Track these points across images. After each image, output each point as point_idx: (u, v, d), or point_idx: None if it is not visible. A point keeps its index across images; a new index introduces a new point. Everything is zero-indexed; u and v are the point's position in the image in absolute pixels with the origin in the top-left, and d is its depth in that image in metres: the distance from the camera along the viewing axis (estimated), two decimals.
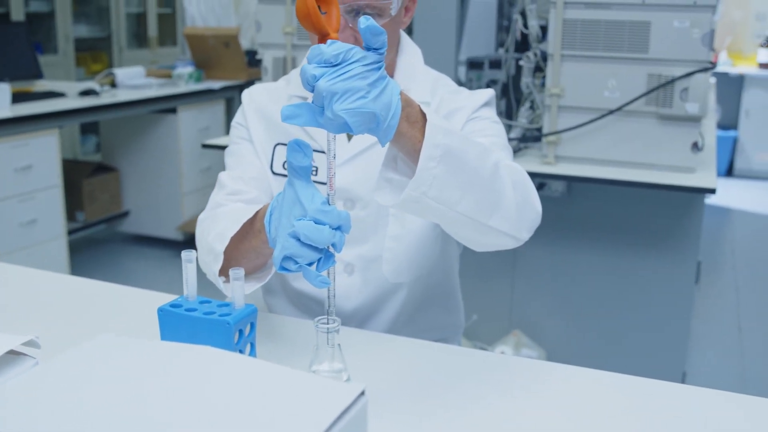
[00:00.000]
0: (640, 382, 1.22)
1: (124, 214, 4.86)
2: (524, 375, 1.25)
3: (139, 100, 4.39)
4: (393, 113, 1.03)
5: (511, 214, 1.21)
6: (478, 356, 1.34)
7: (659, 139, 2.52)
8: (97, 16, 6.46)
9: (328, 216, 1.03)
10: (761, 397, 1.22)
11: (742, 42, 7.78)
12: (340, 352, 1.15)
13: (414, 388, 1.21)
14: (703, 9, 2.41)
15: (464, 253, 2.88)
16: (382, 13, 1.35)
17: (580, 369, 1.26)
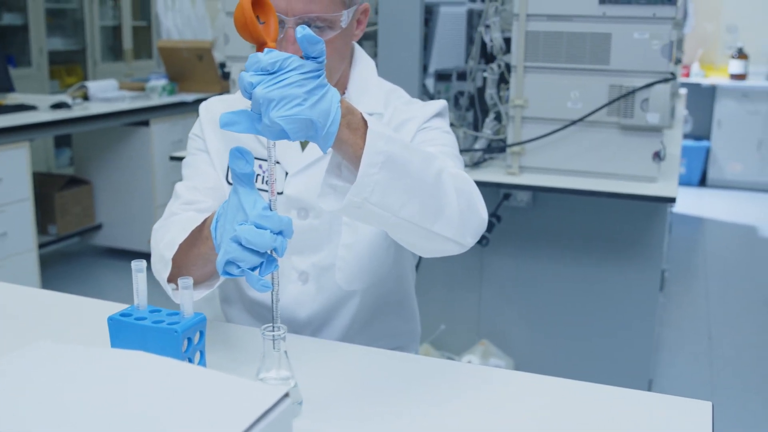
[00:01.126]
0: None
1: (97, 227, 4.85)
2: (481, 383, 1.27)
3: (111, 113, 4.39)
4: (332, 120, 1.05)
5: (454, 221, 1.23)
6: (433, 364, 1.35)
7: (621, 149, 2.55)
8: (72, 29, 6.45)
9: (269, 221, 1.05)
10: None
11: (714, 54, 7.87)
12: (287, 358, 1.16)
13: (365, 395, 1.22)
14: (662, 21, 2.44)
15: (431, 264, 2.90)
16: (333, 25, 1.38)
17: (541, 377, 1.28)
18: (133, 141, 4.67)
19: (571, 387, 1.25)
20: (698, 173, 7.53)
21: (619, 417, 1.16)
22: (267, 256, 1.07)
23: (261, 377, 1.16)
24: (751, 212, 6.72)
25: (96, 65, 6.47)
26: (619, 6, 2.46)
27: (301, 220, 1.51)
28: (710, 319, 4.32)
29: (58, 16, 6.38)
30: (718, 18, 7.83)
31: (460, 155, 1.49)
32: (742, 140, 7.36)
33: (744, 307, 4.55)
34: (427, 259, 2.80)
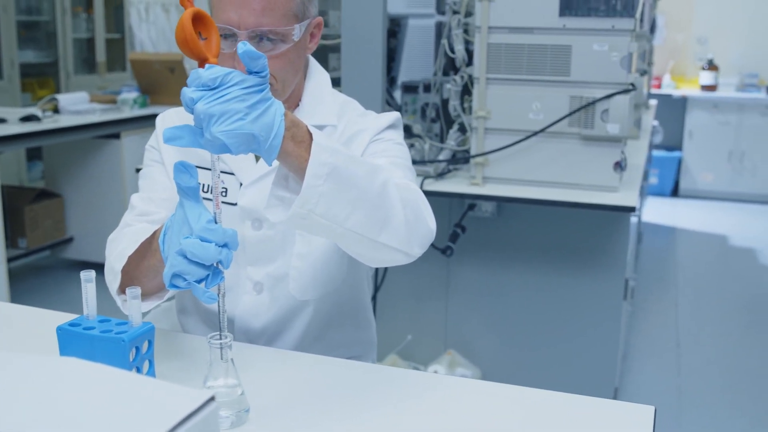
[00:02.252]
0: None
1: (68, 240, 4.83)
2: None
3: (81, 126, 4.38)
4: (275, 134, 1.07)
5: (400, 231, 1.24)
6: (390, 373, 1.36)
7: (583, 159, 2.58)
8: (45, 41, 6.44)
9: (213, 234, 1.07)
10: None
11: (685, 65, 7.96)
12: (234, 367, 1.18)
13: (316, 403, 1.23)
14: (621, 33, 2.48)
15: (398, 275, 2.92)
16: (285, 38, 1.40)
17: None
18: (104, 154, 4.66)
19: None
20: (670, 184, 7.60)
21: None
22: (213, 269, 1.09)
23: (208, 385, 1.17)
24: (722, 222, 6.79)
25: (69, 78, 6.45)
26: (579, 18, 2.50)
27: (255, 231, 1.52)
28: (679, 328, 4.36)
29: (31, 29, 6.36)
30: (688, 30, 7.92)
31: (411, 166, 1.51)
32: (713, 151, 7.44)
33: (713, 316, 4.60)
34: (393, 270, 2.84)
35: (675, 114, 7.55)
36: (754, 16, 7.69)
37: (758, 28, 7.71)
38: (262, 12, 1.36)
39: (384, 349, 2.98)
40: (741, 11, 7.72)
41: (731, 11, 7.73)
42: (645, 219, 6.57)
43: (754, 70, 7.71)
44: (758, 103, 7.30)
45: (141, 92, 5.14)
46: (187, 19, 1.06)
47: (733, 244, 6.12)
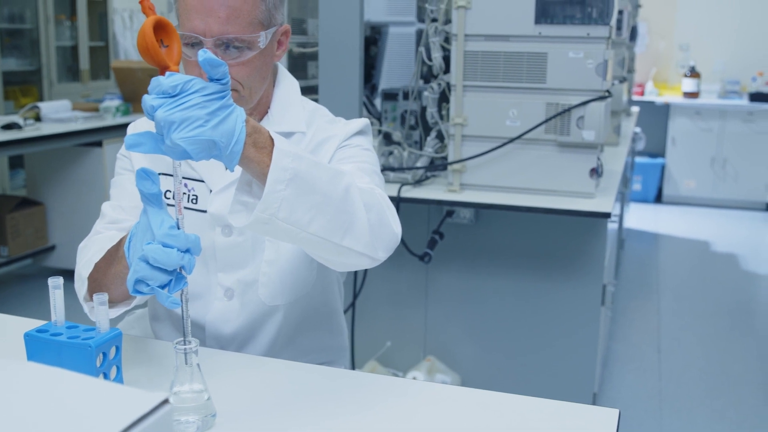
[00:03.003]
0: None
1: (50, 248, 4.82)
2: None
3: (63, 134, 4.38)
4: (236, 140, 1.08)
5: (364, 235, 1.26)
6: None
7: (559, 165, 2.60)
8: (29, 49, 6.42)
9: (175, 240, 1.07)
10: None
11: (667, 72, 8.01)
12: (200, 372, 1.18)
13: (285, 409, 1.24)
14: (596, 41, 2.50)
15: (377, 281, 2.93)
16: (252, 46, 1.41)
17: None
18: (86, 162, 4.66)
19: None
20: (654, 190, 7.64)
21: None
22: (176, 274, 1.10)
23: (174, 391, 1.18)
24: (704, 228, 6.83)
25: (52, 86, 6.44)
26: (554, 26, 2.52)
27: (225, 237, 1.53)
28: (661, 333, 4.38)
29: (14, 36, 6.35)
30: (671, 37, 7.98)
31: (379, 172, 1.52)
32: (696, 157, 7.49)
33: (694, 321, 4.62)
34: (372, 276, 2.84)
35: (658, 121, 7.60)
36: (736, 24, 7.76)
37: (740, 35, 7.77)
38: (228, 20, 1.37)
39: (363, 356, 2.98)
40: (723, 19, 7.78)
41: (713, 19, 7.79)
42: (628, 225, 6.61)
43: (735, 77, 7.77)
44: (740, 110, 7.36)
45: (124, 100, 5.13)
46: (148, 27, 1.07)
47: (715, 250, 6.16)
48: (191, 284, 1.55)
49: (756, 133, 7.33)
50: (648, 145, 7.46)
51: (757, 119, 7.31)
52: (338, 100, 2.57)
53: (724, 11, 7.77)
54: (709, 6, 7.80)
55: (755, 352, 4.15)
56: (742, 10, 7.72)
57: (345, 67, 2.56)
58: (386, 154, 2.85)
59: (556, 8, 2.51)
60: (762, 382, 3.78)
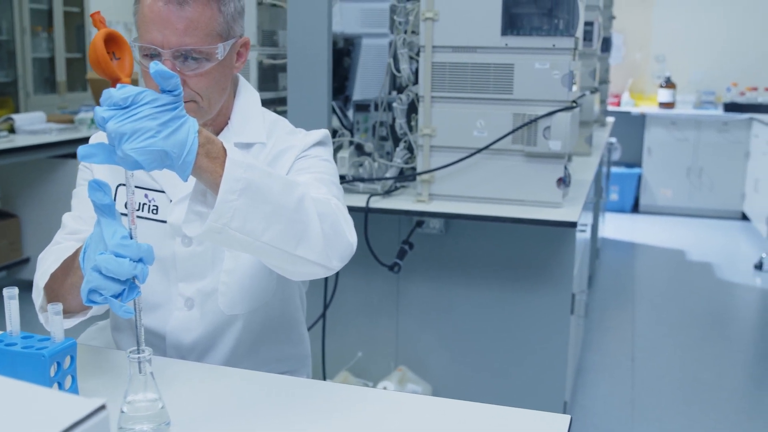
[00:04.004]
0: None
1: (24, 260, 4.80)
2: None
3: (37, 146, 4.37)
4: (188, 150, 1.09)
5: (318, 244, 1.27)
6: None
7: (526, 175, 2.62)
8: (5, 60, 6.41)
9: (127, 249, 1.08)
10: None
11: (644, 83, 8.09)
12: (153, 381, 1.19)
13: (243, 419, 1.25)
14: (561, 52, 2.52)
15: (348, 291, 2.94)
16: (210, 57, 1.42)
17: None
18: (61, 174, 4.64)
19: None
20: (631, 200, 7.69)
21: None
22: (129, 283, 1.11)
23: (128, 400, 1.18)
24: (680, 237, 6.89)
25: (28, 97, 6.42)
26: (521, 38, 2.54)
27: (185, 247, 1.54)
28: (635, 342, 4.41)
29: None
30: (647, 48, 8.06)
31: (337, 182, 1.53)
32: (672, 167, 7.55)
33: (668, 330, 4.66)
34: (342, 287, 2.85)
35: (634, 131, 7.66)
36: (711, 36, 7.84)
37: (715, 47, 7.85)
38: (185, 31, 1.38)
39: (335, 367, 2.99)
40: (698, 31, 7.87)
41: (689, 31, 7.88)
42: (605, 235, 6.65)
43: (710, 87, 7.85)
44: (715, 120, 7.43)
45: None
46: (99, 40, 1.08)
47: (690, 259, 6.21)
48: (152, 294, 1.56)
49: (731, 143, 7.40)
50: (624, 155, 7.52)
51: (731, 129, 7.38)
52: (306, 111, 2.59)
53: (699, 23, 7.86)
54: (685, 18, 7.89)
55: (729, 361, 4.19)
56: (717, 22, 7.81)
57: (313, 79, 2.58)
58: (356, 165, 2.86)
59: (523, 20, 2.54)
60: (735, 390, 3.81)
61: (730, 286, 5.53)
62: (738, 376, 3.99)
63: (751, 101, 7.49)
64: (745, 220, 7.42)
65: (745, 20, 7.76)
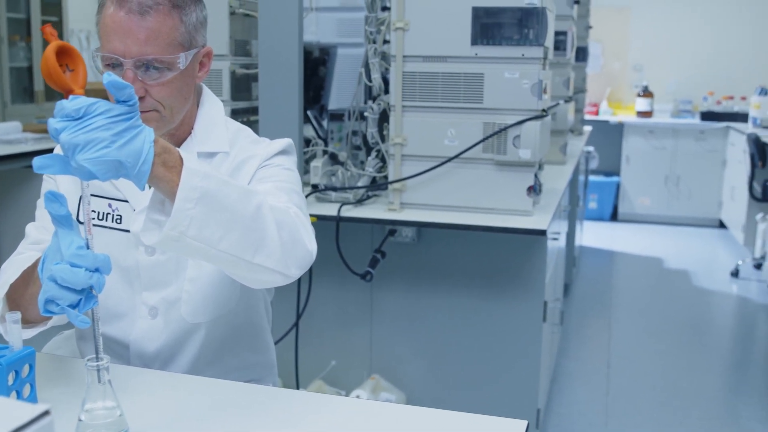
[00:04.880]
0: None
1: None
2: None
3: (13, 155, 4.35)
4: (144, 159, 1.10)
5: (275, 252, 1.28)
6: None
7: (497, 184, 2.64)
8: None
9: (83, 259, 1.09)
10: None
11: (622, 92, 8.15)
12: (112, 389, 1.19)
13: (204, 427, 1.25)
14: (531, 61, 2.55)
15: (321, 301, 2.95)
16: (171, 67, 1.43)
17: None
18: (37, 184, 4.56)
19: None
20: (609, 208, 7.74)
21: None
22: (86, 293, 1.11)
23: (86, 408, 1.19)
24: (659, 245, 6.93)
25: (5, 107, 6.39)
26: (490, 47, 2.56)
27: (148, 257, 1.54)
28: (611, 350, 4.43)
29: None
30: (625, 58, 8.12)
31: (299, 191, 1.54)
32: (650, 175, 7.60)
33: (645, 337, 4.69)
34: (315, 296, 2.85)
35: (612, 140, 7.71)
36: (688, 45, 7.92)
37: (692, 56, 7.93)
38: (146, 41, 1.39)
39: (309, 376, 2.99)
40: (675, 40, 7.95)
41: (666, 41, 7.95)
42: (584, 243, 6.68)
43: (687, 96, 7.92)
44: (692, 129, 7.50)
45: None
46: (50, 53, 1.09)
47: (668, 267, 6.25)
48: (116, 304, 1.57)
49: (708, 152, 7.46)
50: (603, 164, 7.56)
51: (708, 138, 7.45)
52: (278, 120, 2.60)
53: (676, 33, 7.93)
54: (662, 28, 7.96)
55: (704, 368, 4.22)
56: (694, 33, 7.89)
57: (285, 88, 2.59)
58: (329, 174, 2.88)
59: (492, 29, 2.56)
60: (710, 398, 3.84)
61: (707, 294, 5.57)
62: (713, 384, 4.02)
63: (727, 110, 7.56)
64: (723, 227, 7.48)
65: (721, 30, 7.84)
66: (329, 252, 2.77)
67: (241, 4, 2.88)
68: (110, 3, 1.42)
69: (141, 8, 1.40)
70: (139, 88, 1.40)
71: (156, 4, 1.41)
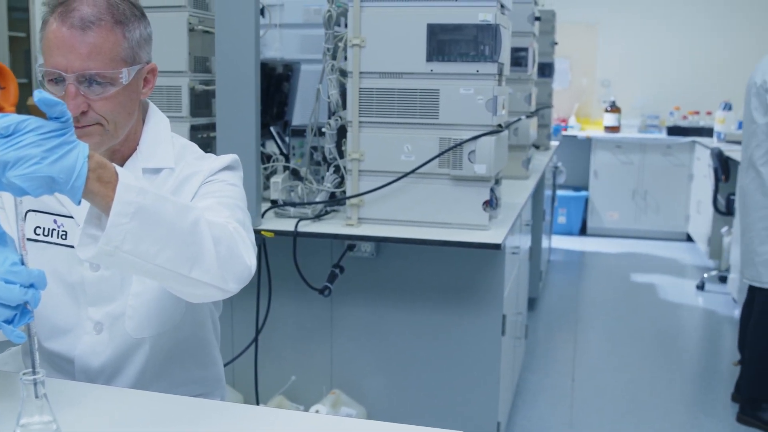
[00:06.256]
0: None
1: None
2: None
3: None
4: (77, 175, 1.11)
5: (212, 267, 1.29)
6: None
7: (453, 198, 2.66)
8: None
9: (17, 276, 1.09)
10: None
11: (589, 107, 8.23)
12: (48, 403, 1.19)
13: None
14: (485, 77, 2.58)
15: (280, 315, 2.95)
16: (114, 82, 1.44)
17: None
18: None
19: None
20: (578, 222, 7.80)
21: None
22: (21, 308, 1.12)
23: (22, 423, 1.18)
24: (627, 258, 7.00)
25: None
26: (445, 63, 2.59)
27: (93, 272, 1.55)
28: (576, 363, 4.46)
29: None
30: (592, 74, 8.21)
31: (243, 206, 1.55)
32: (618, 189, 7.68)
33: (610, 350, 4.73)
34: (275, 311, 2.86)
35: (581, 154, 7.79)
36: (655, 61, 8.02)
37: (658, 72, 8.04)
38: (89, 56, 1.41)
39: (269, 391, 2.99)
40: (642, 56, 8.05)
41: (633, 57, 8.06)
42: (552, 258, 6.73)
43: (654, 111, 8.02)
44: (659, 143, 7.59)
45: None
46: None
47: (636, 280, 6.30)
48: (61, 319, 1.57)
49: (674, 166, 7.55)
50: (571, 179, 7.63)
51: (675, 152, 7.54)
52: (235, 136, 2.60)
53: (643, 49, 8.04)
54: (629, 44, 8.06)
55: (667, 379, 4.26)
56: (660, 49, 8.00)
57: (242, 105, 2.60)
58: (288, 189, 2.89)
59: (447, 46, 2.59)
60: (673, 410, 3.87)
61: (673, 307, 5.62)
62: (677, 396, 4.05)
63: (693, 125, 7.65)
64: (690, 241, 7.55)
65: (687, 46, 7.95)
66: (289, 267, 2.78)
67: (200, 21, 2.89)
68: (53, 19, 1.43)
69: (83, 23, 1.41)
70: (81, 103, 1.42)
71: (98, 20, 1.43)
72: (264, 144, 3.38)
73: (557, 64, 6.55)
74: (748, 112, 3.53)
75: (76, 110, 1.41)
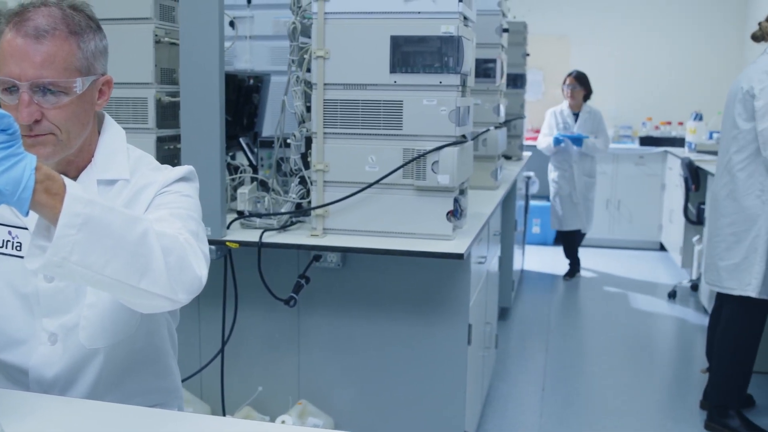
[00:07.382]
0: None
1: None
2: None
3: None
4: (24, 187, 1.12)
5: (161, 278, 1.30)
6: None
7: (417, 209, 2.68)
8: None
9: None
10: None
11: None
12: None
13: None
14: (448, 88, 2.60)
15: (247, 326, 2.95)
16: (68, 91, 1.46)
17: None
18: None
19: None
20: (552, 232, 7.83)
21: None
22: None
23: None
24: (600, 268, 7.04)
25: None
26: (408, 75, 2.62)
27: (47, 283, 1.55)
28: (546, 372, 4.48)
29: None
30: None
31: (197, 217, 1.56)
32: None
33: (581, 359, 4.76)
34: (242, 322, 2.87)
35: None
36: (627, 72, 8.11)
37: (631, 83, 8.11)
38: (42, 65, 1.42)
39: (236, 402, 2.99)
40: (615, 67, 8.13)
41: (606, 67, 8.12)
42: (526, 267, 6.77)
43: (627, 122, 8.08)
44: (632, 154, 7.66)
45: None
46: None
47: (608, 290, 6.35)
48: (16, 330, 1.58)
49: (647, 176, 7.62)
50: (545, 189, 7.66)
51: (647, 162, 7.61)
52: (200, 148, 2.61)
53: (616, 60, 8.12)
54: (601, 55, 8.14)
55: (637, 387, 4.29)
56: (634, 60, 8.09)
57: (206, 116, 2.60)
58: (254, 200, 2.90)
59: (410, 58, 2.61)
60: (642, 417, 3.90)
61: (645, 315, 5.67)
62: (647, 404, 4.08)
63: (665, 135, 7.73)
64: (663, 250, 7.62)
65: (659, 58, 8.04)
66: (255, 278, 2.78)
67: (166, 33, 2.90)
68: (8, 29, 1.45)
69: (37, 32, 1.43)
70: (35, 111, 1.43)
71: (53, 29, 1.44)
72: (234, 155, 3.39)
73: (530, 75, 6.60)
74: (730, 119, 3.54)
75: (29, 118, 1.42)
